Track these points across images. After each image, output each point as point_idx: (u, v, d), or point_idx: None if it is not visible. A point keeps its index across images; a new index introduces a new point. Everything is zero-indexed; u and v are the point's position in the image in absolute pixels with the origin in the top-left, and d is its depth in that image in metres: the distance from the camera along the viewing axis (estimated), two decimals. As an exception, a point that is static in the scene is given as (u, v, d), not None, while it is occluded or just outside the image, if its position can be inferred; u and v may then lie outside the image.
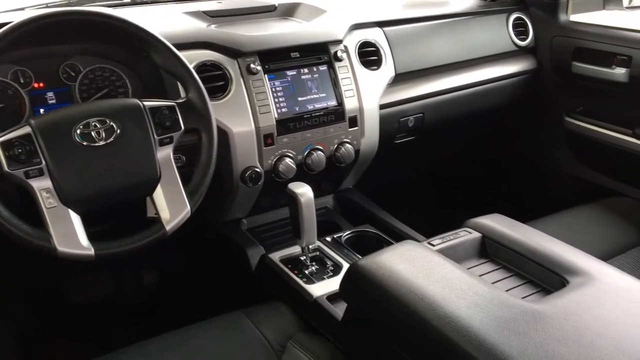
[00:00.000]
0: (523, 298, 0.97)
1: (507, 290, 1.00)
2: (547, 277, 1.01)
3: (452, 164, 2.17)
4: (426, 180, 2.17)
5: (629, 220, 1.54)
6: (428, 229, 1.33)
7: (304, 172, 1.43)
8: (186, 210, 1.07)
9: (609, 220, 1.54)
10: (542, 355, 0.78)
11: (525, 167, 2.11)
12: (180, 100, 1.10)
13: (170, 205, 1.06)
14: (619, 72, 1.66)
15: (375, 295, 0.98)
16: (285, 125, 1.37)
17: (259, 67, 1.34)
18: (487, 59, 1.79)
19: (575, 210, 1.59)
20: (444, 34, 1.72)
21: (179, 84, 1.18)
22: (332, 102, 1.44)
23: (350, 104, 1.46)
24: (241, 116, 1.31)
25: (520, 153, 2.10)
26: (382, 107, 1.55)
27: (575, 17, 1.84)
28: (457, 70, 1.73)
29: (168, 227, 1.05)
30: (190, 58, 1.24)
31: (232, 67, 1.33)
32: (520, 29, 1.86)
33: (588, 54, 1.77)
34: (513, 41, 1.84)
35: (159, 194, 1.06)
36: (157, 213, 1.06)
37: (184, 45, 1.26)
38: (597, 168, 1.85)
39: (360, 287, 1.02)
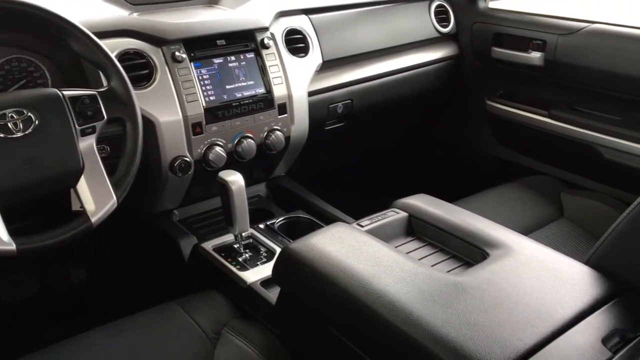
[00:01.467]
0: (447, 272, 1.01)
1: (432, 265, 1.04)
2: (469, 251, 1.06)
3: (381, 148, 2.22)
4: (357, 164, 2.21)
5: (547, 197, 1.63)
6: (359, 212, 1.36)
7: (234, 161, 1.42)
8: (112, 201, 1.05)
9: (529, 197, 1.62)
10: (465, 324, 0.82)
11: (451, 149, 2.18)
12: (102, 89, 1.07)
13: (95, 197, 1.04)
14: (535, 56, 1.75)
15: (307, 277, 1.00)
16: (214, 113, 1.36)
17: (184, 55, 1.33)
18: (411, 45, 1.84)
19: (497, 189, 1.66)
20: (369, 21, 1.75)
21: (100, 73, 1.15)
22: (261, 90, 1.44)
23: (278, 91, 1.46)
24: (167, 105, 1.29)
25: (446, 136, 2.17)
26: (310, 94, 1.56)
27: (493, 4, 1.91)
28: (383, 57, 1.77)
29: (94, 219, 1.03)
30: (112, 46, 1.21)
31: (156, 55, 1.31)
32: (441, 16, 1.92)
33: (506, 39, 1.85)
34: (435, 28, 1.89)
35: (82, 186, 1.03)
36: (82, 205, 1.04)
37: (105, 34, 1.22)
38: (518, 148, 1.94)
39: (292, 269, 1.04)
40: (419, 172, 2.25)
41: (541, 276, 0.95)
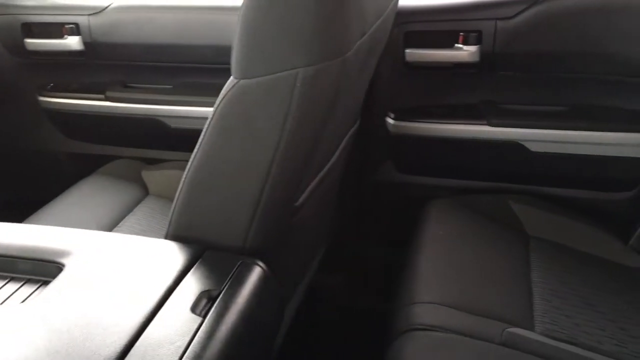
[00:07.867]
0: (22, 302, 0.87)
1: (2, 302, 0.88)
2: (44, 270, 0.92)
3: None
4: None
5: (129, 180, 1.58)
6: None
7: None
8: None
9: (110, 186, 1.54)
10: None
11: (10, 157, 1.89)
12: None
13: None
14: (72, 41, 1.65)
15: None
16: None
17: None
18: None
19: (74, 188, 1.52)
20: None
21: None
22: None
23: None
24: None
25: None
26: None
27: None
28: None
29: None
30: None
31: None
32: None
33: (38, 28, 1.69)
34: None
35: None
36: None
37: None
38: (91, 139, 1.83)
39: None
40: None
41: (123, 267, 0.89)
